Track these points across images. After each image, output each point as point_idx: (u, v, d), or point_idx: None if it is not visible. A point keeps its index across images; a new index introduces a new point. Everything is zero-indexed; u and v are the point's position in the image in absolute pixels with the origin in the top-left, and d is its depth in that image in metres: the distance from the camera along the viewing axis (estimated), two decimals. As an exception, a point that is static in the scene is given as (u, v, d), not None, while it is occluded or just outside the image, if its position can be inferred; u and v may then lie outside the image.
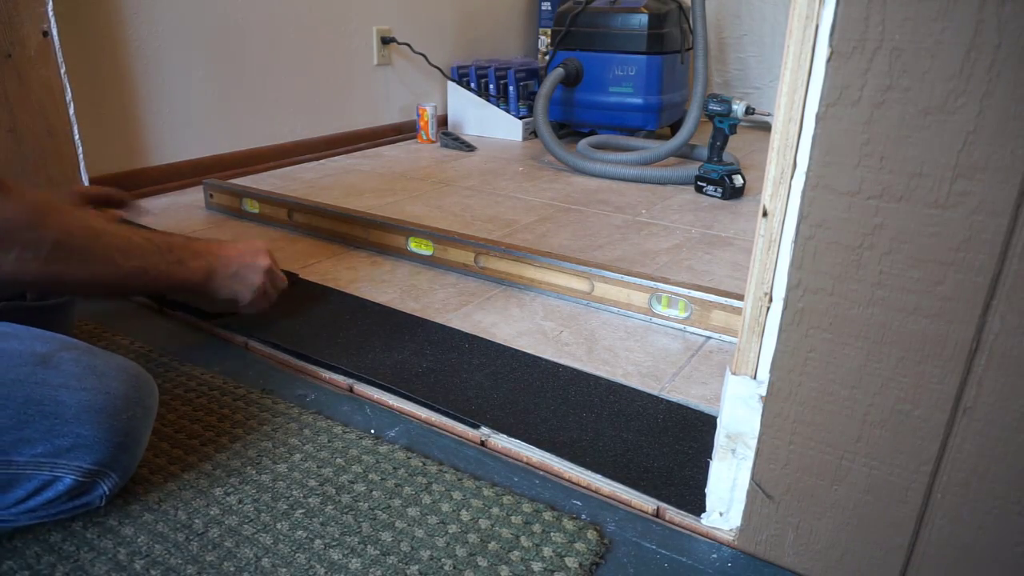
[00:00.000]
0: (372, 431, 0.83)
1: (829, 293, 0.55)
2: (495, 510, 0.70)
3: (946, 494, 0.55)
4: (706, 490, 0.69)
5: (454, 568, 0.63)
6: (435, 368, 0.97)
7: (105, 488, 0.66)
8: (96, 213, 0.92)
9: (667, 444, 0.81)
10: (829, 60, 0.51)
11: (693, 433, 0.83)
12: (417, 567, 0.63)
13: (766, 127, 2.70)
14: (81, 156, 1.55)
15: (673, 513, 0.71)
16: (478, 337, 1.06)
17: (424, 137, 2.52)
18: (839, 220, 0.53)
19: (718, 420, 0.66)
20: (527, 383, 0.94)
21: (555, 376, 0.96)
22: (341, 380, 0.94)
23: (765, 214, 0.57)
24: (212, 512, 0.69)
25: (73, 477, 0.63)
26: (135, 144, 1.79)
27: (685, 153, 2.18)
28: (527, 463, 0.79)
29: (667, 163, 2.14)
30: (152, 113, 1.81)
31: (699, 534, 0.69)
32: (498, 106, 2.61)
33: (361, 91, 2.40)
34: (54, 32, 1.45)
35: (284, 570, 0.63)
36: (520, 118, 2.59)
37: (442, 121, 2.70)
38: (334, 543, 0.66)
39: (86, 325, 1.07)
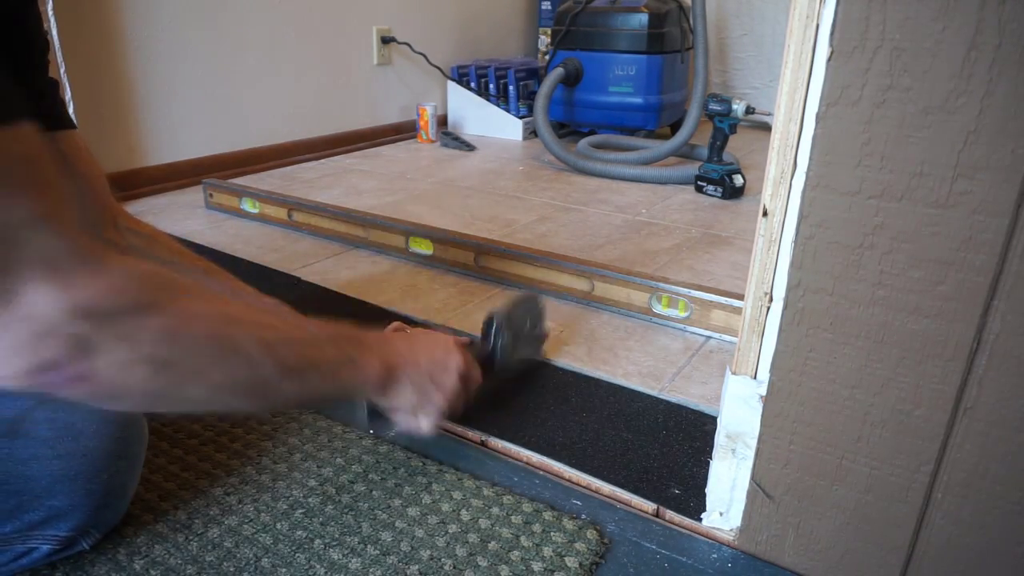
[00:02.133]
0: (372, 431, 0.83)
1: (829, 293, 0.55)
2: (495, 510, 0.70)
3: (946, 494, 0.55)
4: (706, 490, 0.69)
5: (454, 568, 0.63)
6: (435, 368, 0.96)
7: (86, 544, 0.62)
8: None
9: (667, 444, 0.81)
10: (829, 60, 0.51)
11: (693, 433, 0.83)
12: (417, 567, 0.63)
13: (766, 127, 2.70)
14: (81, 156, 1.55)
15: (673, 513, 0.71)
16: (478, 338, 1.06)
17: (424, 137, 2.52)
18: (839, 220, 0.53)
19: (718, 420, 0.66)
20: (527, 383, 0.93)
21: (555, 376, 0.95)
22: (341, 380, 0.94)
23: (765, 214, 0.57)
24: (212, 512, 0.69)
25: (50, 546, 0.60)
26: (135, 144, 1.79)
27: (685, 153, 2.18)
28: (527, 463, 0.79)
29: (667, 163, 2.14)
30: (152, 113, 1.81)
31: (699, 534, 0.69)
32: (498, 106, 2.61)
33: (361, 91, 2.40)
34: (54, 32, 1.45)
35: (284, 570, 0.63)
36: (520, 118, 2.59)
37: (442, 121, 2.69)
38: (334, 543, 0.66)
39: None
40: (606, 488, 0.74)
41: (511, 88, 2.63)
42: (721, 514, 0.68)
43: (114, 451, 0.61)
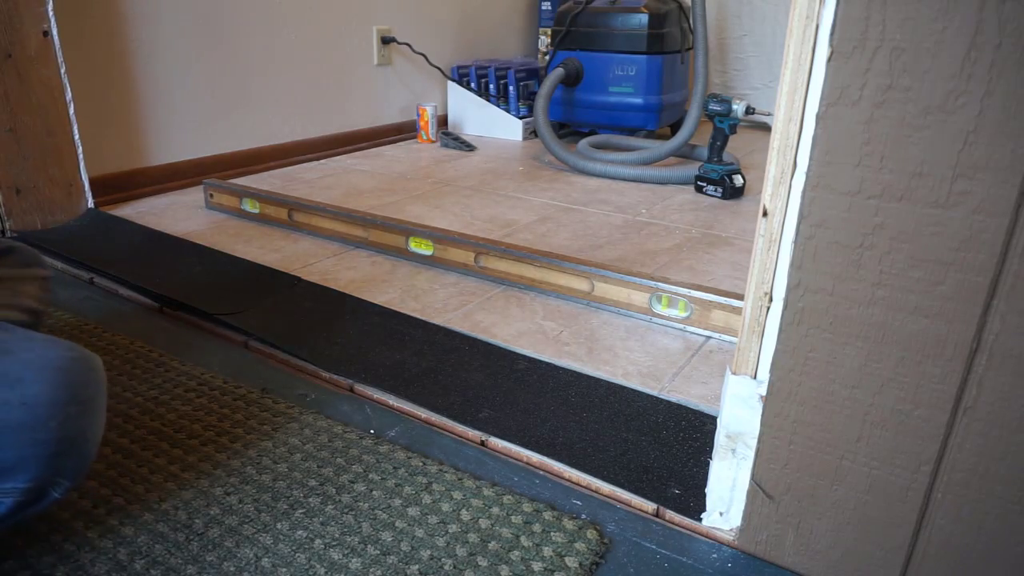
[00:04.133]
0: (372, 431, 0.83)
1: (829, 293, 0.55)
2: (495, 510, 0.70)
3: (946, 494, 0.55)
4: (706, 490, 0.69)
5: (454, 568, 0.63)
6: (435, 368, 0.97)
7: (56, 494, 0.60)
8: None
9: (667, 444, 0.81)
10: (829, 60, 0.51)
11: (693, 433, 0.83)
12: (417, 567, 0.63)
13: (766, 127, 2.70)
14: (81, 156, 1.55)
15: (673, 513, 0.71)
16: (478, 338, 1.06)
17: (424, 137, 2.52)
18: (839, 220, 0.53)
19: (718, 420, 0.66)
20: (527, 383, 0.94)
21: (555, 376, 0.96)
22: (341, 380, 0.94)
23: (765, 214, 0.57)
24: (212, 512, 0.69)
25: (12, 499, 0.58)
26: (135, 144, 1.79)
27: (685, 153, 2.18)
28: (527, 463, 0.79)
29: (667, 163, 2.14)
30: (152, 113, 1.81)
31: (699, 534, 0.69)
32: (498, 106, 2.61)
33: (361, 91, 2.40)
34: (54, 32, 1.45)
35: (284, 570, 0.63)
36: (520, 118, 2.59)
37: (442, 121, 2.69)
38: (334, 543, 0.66)
39: (86, 325, 1.07)
40: (606, 488, 0.74)
41: (511, 88, 2.63)
42: (721, 514, 0.68)
43: (61, 398, 0.58)
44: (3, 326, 0.64)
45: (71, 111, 1.51)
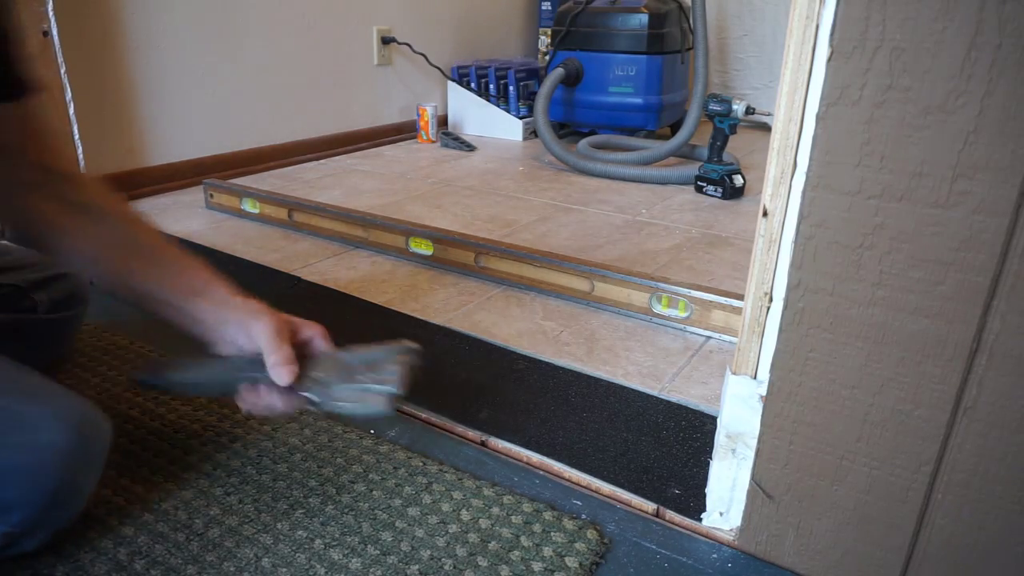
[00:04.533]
0: (372, 431, 0.83)
1: (829, 293, 0.55)
2: (495, 510, 0.70)
3: (946, 494, 0.55)
4: (706, 490, 0.69)
5: (454, 568, 0.63)
6: (435, 368, 0.97)
7: (27, 546, 0.61)
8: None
9: (667, 444, 0.81)
10: (829, 60, 0.51)
11: (693, 433, 0.83)
12: (417, 567, 0.63)
13: (766, 127, 2.70)
14: (81, 156, 1.55)
15: (673, 513, 0.71)
16: (478, 337, 1.06)
17: (424, 137, 2.52)
18: (839, 220, 0.53)
19: (718, 420, 0.66)
20: (527, 383, 0.94)
21: (555, 376, 0.96)
22: (341, 380, 0.94)
23: (765, 214, 0.57)
24: (212, 512, 0.69)
25: None
26: (135, 144, 1.79)
27: (685, 153, 2.18)
28: (527, 463, 0.79)
29: (667, 163, 2.14)
30: (152, 113, 1.81)
31: (699, 534, 0.69)
32: (498, 106, 2.61)
33: (361, 91, 2.40)
34: (54, 32, 1.45)
35: (284, 570, 0.63)
36: (520, 118, 2.59)
37: (442, 121, 2.69)
38: (334, 543, 0.66)
39: (86, 326, 1.06)
40: (606, 488, 0.74)
41: (511, 88, 2.63)
42: (721, 514, 0.68)
43: (68, 449, 0.60)
44: (25, 368, 0.66)
45: (71, 111, 1.51)
